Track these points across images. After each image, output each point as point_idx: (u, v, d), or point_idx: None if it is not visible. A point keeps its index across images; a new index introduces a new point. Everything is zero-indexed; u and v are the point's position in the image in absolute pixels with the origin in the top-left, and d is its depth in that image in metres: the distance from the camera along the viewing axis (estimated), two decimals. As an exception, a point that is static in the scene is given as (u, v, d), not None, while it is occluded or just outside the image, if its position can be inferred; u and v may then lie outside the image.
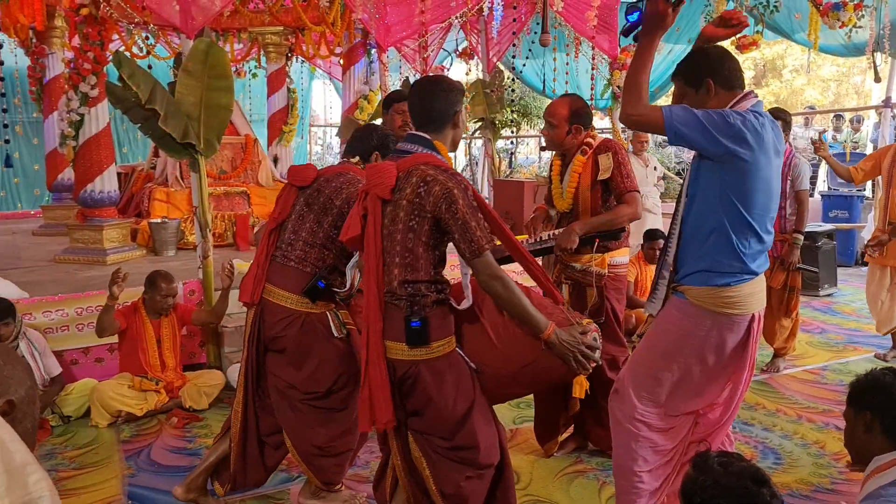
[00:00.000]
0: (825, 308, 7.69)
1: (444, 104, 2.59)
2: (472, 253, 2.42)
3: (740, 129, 2.48)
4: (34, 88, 9.46)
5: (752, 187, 2.55)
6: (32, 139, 13.75)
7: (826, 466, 3.91)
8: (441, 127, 2.61)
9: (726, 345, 2.68)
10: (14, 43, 9.76)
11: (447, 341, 2.52)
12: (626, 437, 2.85)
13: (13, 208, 13.89)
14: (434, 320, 2.47)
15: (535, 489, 3.66)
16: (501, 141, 13.18)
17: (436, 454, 2.55)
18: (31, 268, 6.65)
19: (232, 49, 10.96)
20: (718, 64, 2.65)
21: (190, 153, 5.29)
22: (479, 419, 2.54)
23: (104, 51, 6.40)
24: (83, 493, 3.69)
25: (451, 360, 2.52)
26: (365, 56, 9.12)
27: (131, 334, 4.83)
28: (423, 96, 2.63)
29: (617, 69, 8.10)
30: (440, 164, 2.50)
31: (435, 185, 2.41)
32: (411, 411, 2.56)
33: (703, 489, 1.83)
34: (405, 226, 2.47)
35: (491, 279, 2.43)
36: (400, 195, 2.48)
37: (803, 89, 23.75)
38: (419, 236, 2.46)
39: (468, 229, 2.40)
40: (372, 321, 2.50)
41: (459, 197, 2.40)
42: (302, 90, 14.81)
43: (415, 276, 2.47)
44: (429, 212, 2.43)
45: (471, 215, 2.40)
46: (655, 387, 2.78)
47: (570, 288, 3.90)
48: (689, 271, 2.66)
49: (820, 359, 5.88)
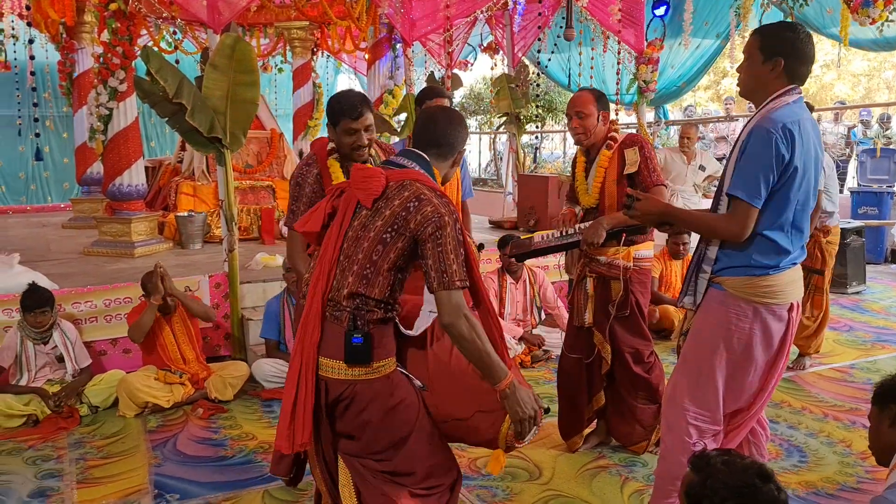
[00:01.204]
0: (853, 306, 7.59)
1: (455, 136, 2.48)
2: (441, 284, 2.21)
3: (781, 133, 2.48)
4: (64, 83, 9.59)
5: (795, 186, 2.55)
6: (62, 133, 13.93)
7: (852, 465, 3.87)
8: (443, 156, 2.47)
9: (772, 335, 2.66)
10: (45, 38, 9.92)
11: (388, 361, 2.34)
12: (679, 444, 2.79)
13: (43, 201, 14.10)
14: (377, 338, 2.29)
15: (557, 484, 3.67)
16: (526, 136, 13.15)
17: (373, 477, 2.35)
18: (60, 260, 6.75)
19: (258, 44, 11.03)
20: (800, 50, 2.59)
21: (216, 147, 5.34)
22: (420, 442, 2.37)
23: (132, 46, 6.48)
24: (110, 482, 3.75)
25: (393, 379, 2.34)
26: (390, 51, 9.13)
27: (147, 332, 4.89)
28: (438, 120, 2.50)
29: (643, 63, 8.03)
30: (435, 188, 2.34)
31: (427, 206, 2.24)
32: (344, 434, 2.37)
33: (714, 491, 1.80)
34: (377, 236, 2.28)
35: (456, 317, 2.20)
36: (384, 204, 2.29)
37: (833, 84, 23.43)
38: (388, 251, 2.27)
39: (445, 260, 2.21)
40: (309, 331, 2.30)
41: (449, 225, 2.23)
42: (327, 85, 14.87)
43: (368, 290, 2.27)
44: (410, 230, 2.24)
45: (453, 248, 2.23)
46: (708, 388, 2.74)
47: (595, 282, 3.89)
48: (728, 264, 2.65)
49: (848, 357, 5.82)
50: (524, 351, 5.68)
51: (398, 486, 2.35)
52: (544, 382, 5.25)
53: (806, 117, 2.59)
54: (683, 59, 10.58)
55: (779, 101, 2.58)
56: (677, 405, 2.81)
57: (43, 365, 4.67)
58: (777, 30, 2.64)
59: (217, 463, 3.97)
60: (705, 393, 2.75)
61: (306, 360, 2.29)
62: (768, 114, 2.55)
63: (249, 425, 4.50)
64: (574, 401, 4.00)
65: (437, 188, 2.36)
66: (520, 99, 9.78)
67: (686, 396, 2.78)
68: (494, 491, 3.57)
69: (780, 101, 2.58)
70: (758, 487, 1.79)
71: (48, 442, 4.25)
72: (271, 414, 4.63)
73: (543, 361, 5.71)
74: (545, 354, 5.75)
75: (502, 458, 2.44)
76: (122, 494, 3.61)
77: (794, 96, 2.60)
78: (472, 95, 18.12)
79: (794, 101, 2.58)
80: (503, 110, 9.97)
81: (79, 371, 4.73)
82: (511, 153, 10.52)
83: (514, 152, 10.37)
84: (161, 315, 4.91)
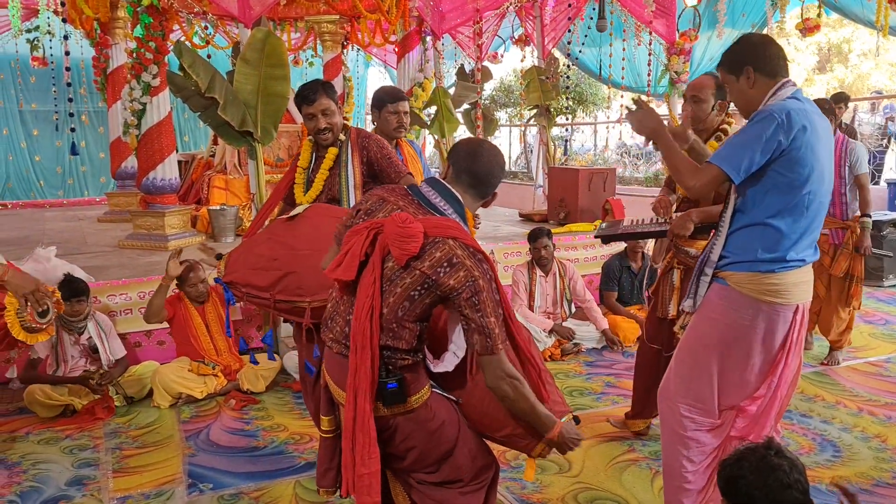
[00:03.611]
0: (890, 299, 7.47)
1: (495, 177, 2.40)
2: (485, 349, 2.19)
3: (784, 120, 2.46)
4: (98, 78, 9.73)
5: (802, 175, 2.52)
6: (98, 128, 14.17)
7: (888, 461, 3.81)
8: (479, 196, 2.39)
9: (774, 336, 2.62)
10: (80, 34, 10.07)
11: (424, 391, 2.33)
12: (673, 436, 2.82)
13: (80, 195, 14.34)
14: (410, 377, 2.28)
15: (586, 477, 3.66)
16: (556, 128, 13.07)
17: (423, 486, 2.43)
18: (96, 253, 6.86)
19: (289, 38, 11.10)
20: (759, 50, 2.61)
21: (248, 141, 5.39)
22: (464, 452, 2.41)
23: (165, 41, 6.55)
24: (145, 471, 3.81)
25: (432, 405, 2.34)
26: (420, 44, 9.15)
27: (179, 323, 4.96)
28: (482, 154, 2.38)
29: (675, 54, 7.95)
30: (468, 242, 2.22)
31: (460, 271, 2.16)
32: (390, 455, 2.39)
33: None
34: (405, 293, 2.21)
35: (500, 380, 2.22)
36: (416, 263, 2.19)
37: (870, 74, 23.00)
38: (415, 308, 2.22)
39: (487, 325, 2.17)
40: (361, 379, 2.21)
41: (485, 289, 2.16)
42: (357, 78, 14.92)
43: (395, 343, 2.24)
44: (442, 292, 2.18)
45: (492, 310, 2.18)
46: (701, 381, 2.74)
47: (682, 273, 3.84)
48: (734, 259, 2.62)
49: (883, 351, 5.73)
50: (554, 344, 5.67)
51: (448, 490, 2.42)
52: (574, 375, 5.23)
53: (814, 111, 2.56)
54: (715, 51, 10.45)
55: (778, 96, 2.57)
56: (671, 397, 2.82)
57: (78, 356, 4.76)
58: (727, 51, 2.69)
59: (249, 453, 4.02)
60: (699, 386, 2.74)
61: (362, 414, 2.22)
62: (772, 104, 2.55)
63: (281, 417, 4.54)
64: (649, 390, 3.96)
65: (471, 241, 2.25)
66: (550, 91, 9.74)
67: (680, 389, 2.79)
68: (524, 483, 3.57)
69: (780, 96, 2.57)
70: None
71: (85, 431, 4.33)
72: (302, 405, 4.66)
73: (573, 354, 5.69)
74: (575, 347, 5.73)
75: (535, 464, 2.57)
76: (157, 484, 3.67)
77: (790, 89, 2.58)
78: (503, 88, 18.07)
79: (792, 95, 2.56)
80: (533, 102, 9.94)
81: (113, 362, 4.80)
82: (541, 145, 10.49)
83: (544, 145, 10.33)
84: (195, 306, 4.97)
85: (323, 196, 3.67)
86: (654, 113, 2.80)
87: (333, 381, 2.44)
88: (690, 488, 2.81)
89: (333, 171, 3.65)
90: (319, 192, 3.65)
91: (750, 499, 1.84)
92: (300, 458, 3.92)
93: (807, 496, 1.86)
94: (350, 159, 3.62)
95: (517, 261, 6.45)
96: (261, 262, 3.22)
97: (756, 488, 1.83)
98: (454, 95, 9.75)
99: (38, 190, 14.35)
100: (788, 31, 8.15)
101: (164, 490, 3.60)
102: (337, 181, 3.63)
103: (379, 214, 2.34)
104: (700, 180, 2.56)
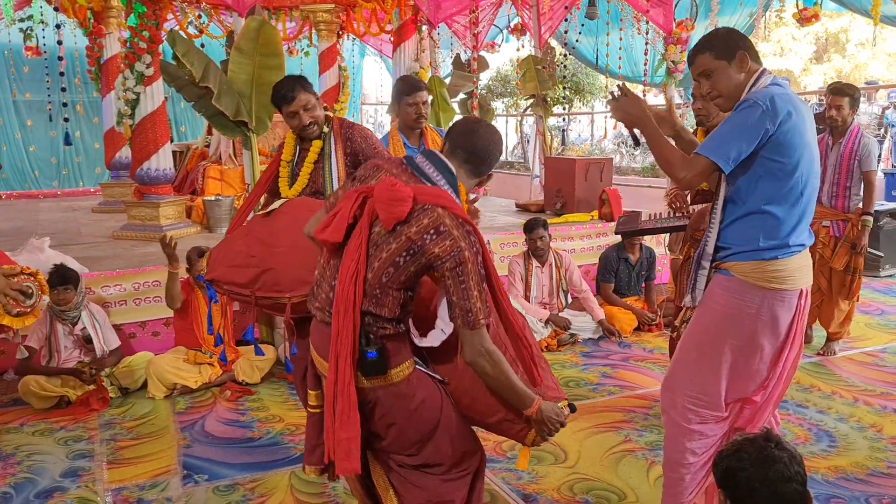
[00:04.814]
0: (886, 289, 7.47)
1: (492, 155, 2.40)
2: (466, 323, 2.17)
3: (769, 106, 2.46)
4: (92, 68, 9.69)
5: (793, 159, 2.52)
6: (93, 118, 14.11)
7: (883, 450, 3.82)
8: (474, 172, 2.39)
9: (779, 323, 2.62)
10: (74, 24, 10.00)
11: (405, 365, 2.28)
12: (677, 428, 2.80)
13: (75, 186, 14.29)
14: (392, 348, 2.25)
15: (582, 468, 3.66)
16: (553, 118, 13.05)
17: (403, 470, 2.40)
18: (90, 243, 6.84)
19: (284, 27, 11.03)
20: (747, 39, 2.66)
21: (242, 131, 5.37)
22: (446, 435, 2.37)
23: (159, 30, 6.51)
24: (140, 462, 3.80)
25: (413, 380, 2.30)
26: (416, 33, 9.10)
27: (186, 308, 4.94)
28: (480, 131, 2.38)
29: (671, 43, 7.91)
30: (457, 212, 2.20)
31: (447, 240, 2.14)
32: (372, 434, 2.35)
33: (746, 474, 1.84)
34: (390, 258, 2.18)
35: (479, 355, 2.20)
36: (403, 227, 2.17)
37: (867, 64, 22.97)
38: (399, 275, 2.19)
39: (468, 297, 2.15)
40: (343, 344, 2.18)
41: (469, 261, 2.14)
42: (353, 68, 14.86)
43: (378, 310, 2.21)
44: (427, 259, 2.16)
45: (475, 283, 2.15)
46: (707, 374, 2.72)
47: None
48: (735, 250, 2.61)
49: (879, 341, 5.73)
50: (550, 335, 5.66)
51: (429, 475, 2.39)
52: (570, 366, 5.23)
53: (796, 96, 2.58)
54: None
55: (759, 84, 2.57)
56: (675, 389, 2.80)
57: (72, 347, 4.74)
58: (713, 38, 2.66)
59: (244, 444, 4.01)
60: (705, 378, 2.72)
61: (344, 381, 2.20)
62: (755, 92, 2.55)
63: (276, 408, 4.53)
64: None
65: (462, 212, 2.23)
66: (546, 81, 9.71)
67: (685, 381, 2.76)
68: (520, 474, 3.57)
69: (761, 84, 2.57)
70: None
71: (79, 423, 4.32)
72: (297, 397, 4.66)
73: (570, 345, 5.68)
74: (571, 338, 5.72)
75: (528, 453, 2.57)
76: (152, 475, 3.66)
77: (769, 76, 2.60)
78: (499, 77, 18.02)
79: (772, 82, 2.57)
80: (530, 92, 9.91)
81: (107, 353, 4.79)
82: (538, 135, 10.46)
83: (540, 135, 10.31)
84: (202, 292, 4.95)
85: (308, 189, 3.57)
86: (638, 99, 2.75)
87: (317, 352, 2.41)
88: (691, 479, 2.81)
89: (318, 163, 3.56)
90: (305, 185, 3.56)
91: (750, 491, 1.82)
92: (295, 449, 3.91)
93: (805, 487, 1.85)
94: (333, 151, 3.54)
95: (513, 251, 6.44)
96: (239, 258, 3.15)
97: (757, 481, 1.81)
98: (450, 85, 9.72)
99: (32, 181, 14.28)
100: (786, 21, 8.12)
101: (159, 481, 3.59)
102: (321, 174, 3.58)
103: (371, 181, 2.33)
104: (690, 171, 2.54)
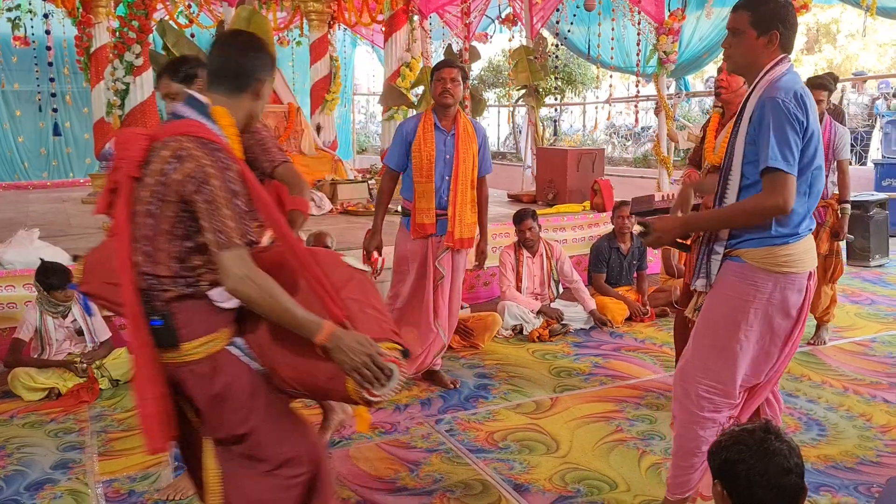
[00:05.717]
0: (876, 279, 7.50)
1: (245, 63, 2.14)
2: (219, 244, 1.94)
3: (799, 100, 2.48)
4: (81, 58, 9.60)
5: (811, 150, 2.54)
6: (82, 109, 14.02)
7: (872, 439, 3.84)
8: (233, 90, 2.13)
9: (790, 305, 2.65)
10: (62, 13, 9.92)
11: (209, 340, 2.06)
12: (690, 416, 2.81)
13: (65, 177, 14.22)
14: (182, 317, 2.03)
15: (574, 457, 3.66)
16: (545, 109, 13.03)
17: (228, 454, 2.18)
18: (80, 235, 6.79)
19: (275, 17, 10.99)
20: (790, 20, 2.58)
21: (233, 121, 5.34)
22: (264, 429, 2.15)
23: (148, 20, 6.46)
24: (131, 454, 3.78)
25: (217, 362, 2.08)
26: (407, 23, 9.07)
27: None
28: (223, 48, 2.19)
29: (663, 34, 7.91)
30: (208, 137, 2.00)
31: (188, 162, 1.94)
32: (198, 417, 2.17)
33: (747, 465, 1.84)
34: (145, 209, 2.02)
35: (239, 280, 1.94)
36: (147, 171, 2.01)
37: (858, 55, 23.02)
38: (160, 223, 2.00)
39: (218, 216, 1.94)
40: (128, 310, 2.04)
41: (214, 177, 1.94)
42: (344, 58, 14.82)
43: (154, 269, 2.03)
44: (174, 193, 1.96)
45: (225, 201, 1.95)
46: (722, 361, 2.73)
47: None
48: (748, 237, 2.63)
49: (869, 330, 5.76)
50: (542, 325, 5.67)
51: (251, 468, 2.17)
52: (562, 356, 5.24)
53: (803, 85, 2.58)
54: (705, 28, 10.42)
55: (776, 71, 2.56)
56: (689, 378, 2.81)
57: (63, 339, 4.72)
58: (760, 3, 2.57)
59: (236, 435, 4.00)
60: (720, 367, 2.73)
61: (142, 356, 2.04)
62: (773, 84, 2.53)
63: (268, 398, 4.53)
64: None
65: (213, 136, 2.02)
66: (538, 71, 9.69)
67: (699, 369, 2.77)
68: (511, 464, 3.57)
69: (778, 71, 2.56)
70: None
71: (70, 415, 4.30)
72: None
73: (561, 335, 5.69)
74: (563, 328, 5.73)
75: (365, 413, 2.34)
76: (143, 466, 3.64)
77: (787, 64, 2.59)
78: (491, 68, 18.00)
79: (788, 70, 2.57)
80: (522, 83, 9.90)
81: (98, 344, 4.77)
82: (530, 126, 10.46)
83: (532, 125, 10.30)
84: None
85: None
86: (666, 221, 2.78)
87: None
88: (700, 468, 2.83)
89: None
90: None
91: (749, 483, 1.82)
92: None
93: (803, 479, 1.85)
94: None
95: (504, 242, 6.44)
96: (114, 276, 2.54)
97: (757, 473, 1.81)
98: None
99: (21, 171, 14.22)
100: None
101: (150, 473, 3.58)
102: None
103: None
104: (783, 194, 2.49)
